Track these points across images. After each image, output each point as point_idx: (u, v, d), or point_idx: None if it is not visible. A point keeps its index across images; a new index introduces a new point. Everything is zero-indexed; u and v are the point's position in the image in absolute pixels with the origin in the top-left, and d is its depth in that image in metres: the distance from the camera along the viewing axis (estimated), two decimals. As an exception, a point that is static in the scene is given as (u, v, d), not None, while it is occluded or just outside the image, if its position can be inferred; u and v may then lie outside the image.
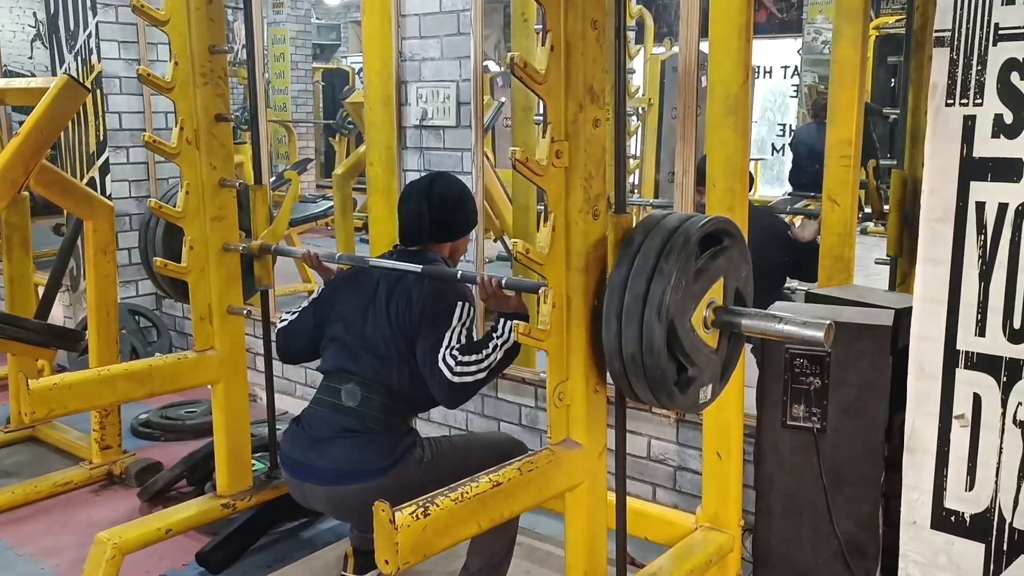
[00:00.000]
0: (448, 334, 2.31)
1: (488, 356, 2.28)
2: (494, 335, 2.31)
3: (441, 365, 2.28)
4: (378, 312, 2.42)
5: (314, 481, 2.38)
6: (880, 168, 3.55)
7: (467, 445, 2.52)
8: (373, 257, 2.61)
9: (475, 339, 2.35)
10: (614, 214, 1.82)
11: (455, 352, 2.28)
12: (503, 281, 2.22)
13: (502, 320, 2.31)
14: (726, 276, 1.85)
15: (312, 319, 2.57)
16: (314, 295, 2.64)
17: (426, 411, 2.54)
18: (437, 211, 2.46)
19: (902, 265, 3.04)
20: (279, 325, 2.64)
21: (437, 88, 3.48)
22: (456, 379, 2.27)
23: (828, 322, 1.73)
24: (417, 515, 1.58)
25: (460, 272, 2.38)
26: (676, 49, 7.00)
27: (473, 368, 2.27)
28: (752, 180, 3.71)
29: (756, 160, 8.95)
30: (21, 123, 3.24)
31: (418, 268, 2.36)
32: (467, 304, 2.37)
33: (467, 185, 2.59)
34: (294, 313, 2.62)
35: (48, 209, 4.36)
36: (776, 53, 9.84)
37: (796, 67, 9.71)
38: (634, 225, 1.82)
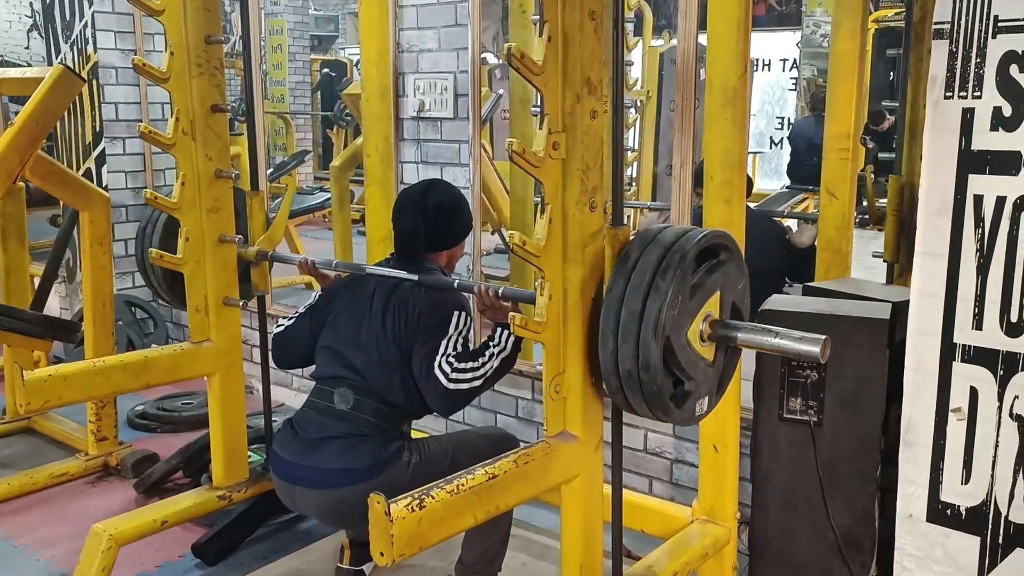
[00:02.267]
0: (444, 342, 2.31)
1: (485, 364, 2.29)
2: (491, 344, 2.31)
3: (437, 372, 2.28)
4: (374, 321, 2.42)
5: (304, 484, 2.37)
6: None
7: (456, 444, 2.50)
8: (370, 264, 2.60)
9: (471, 348, 2.35)
10: (611, 226, 1.81)
11: (451, 359, 2.28)
12: (500, 291, 2.22)
13: (499, 329, 2.31)
14: (723, 290, 1.85)
15: (308, 326, 2.57)
16: (310, 302, 2.63)
17: (419, 418, 2.55)
18: (432, 223, 2.45)
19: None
20: (274, 330, 2.64)
21: (435, 80, 3.46)
22: (452, 386, 2.27)
23: (824, 337, 1.73)
24: (413, 507, 1.58)
25: (457, 281, 2.38)
26: (675, 41, 6.99)
27: (469, 375, 2.27)
28: (751, 183, 3.70)
29: (754, 153, 8.94)
30: (17, 113, 3.23)
31: (414, 277, 2.36)
32: (464, 313, 2.37)
33: (462, 192, 2.58)
34: (290, 319, 2.62)
35: (44, 200, 4.35)
36: (775, 46, 9.82)
37: (795, 60, 9.70)
38: (632, 232, 1.82)
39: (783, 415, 2.33)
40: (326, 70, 11.45)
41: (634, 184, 6.66)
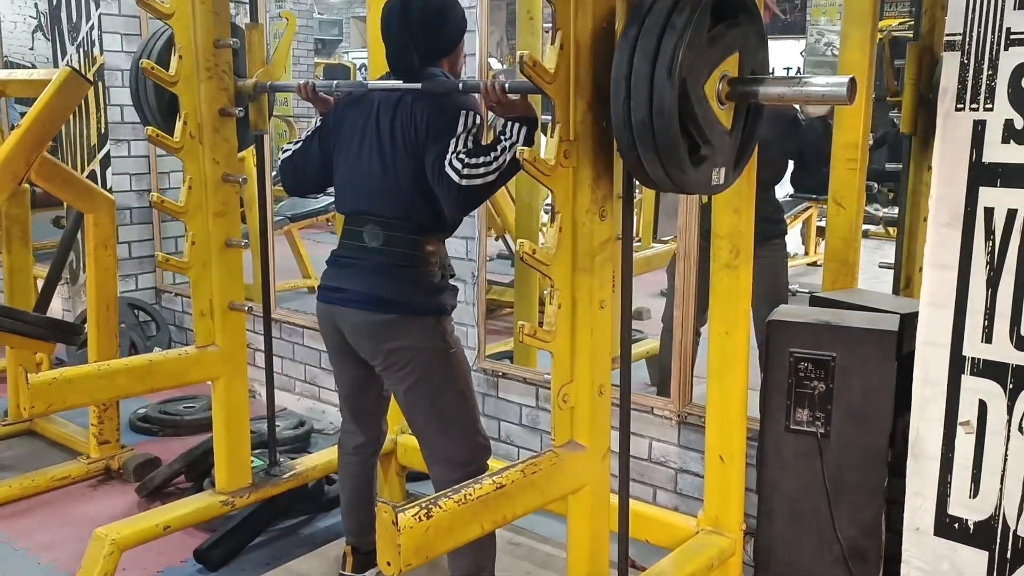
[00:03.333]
0: (454, 141, 2.25)
1: (497, 158, 2.21)
2: (502, 138, 2.24)
3: (448, 169, 2.22)
4: (383, 136, 2.37)
5: (346, 304, 2.40)
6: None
7: (461, 399, 2.48)
8: (371, 81, 2.52)
9: (482, 144, 2.29)
10: None
11: (462, 155, 2.22)
12: (507, 85, 2.15)
13: (509, 123, 2.25)
14: (741, 51, 1.77)
15: (317, 148, 2.53)
16: (315, 124, 2.57)
17: (450, 234, 2.52)
18: (421, 36, 2.36)
19: (906, 269, 3.03)
20: (282, 156, 2.59)
21: (441, 85, 3.45)
22: (464, 182, 2.20)
23: (850, 77, 1.66)
24: (420, 517, 1.57)
25: (461, 82, 2.32)
26: (680, 49, 6.96)
27: (482, 170, 2.21)
28: None
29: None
30: (23, 115, 3.23)
31: (418, 86, 2.30)
32: (472, 112, 2.30)
33: None
34: (296, 143, 2.58)
35: (48, 201, 4.34)
36: (779, 54, 9.83)
37: (799, 69, 9.71)
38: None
39: (790, 426, 2.32)
40: (317, 76, 11.45)
41: (638, 192, 6.64)
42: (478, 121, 2.31)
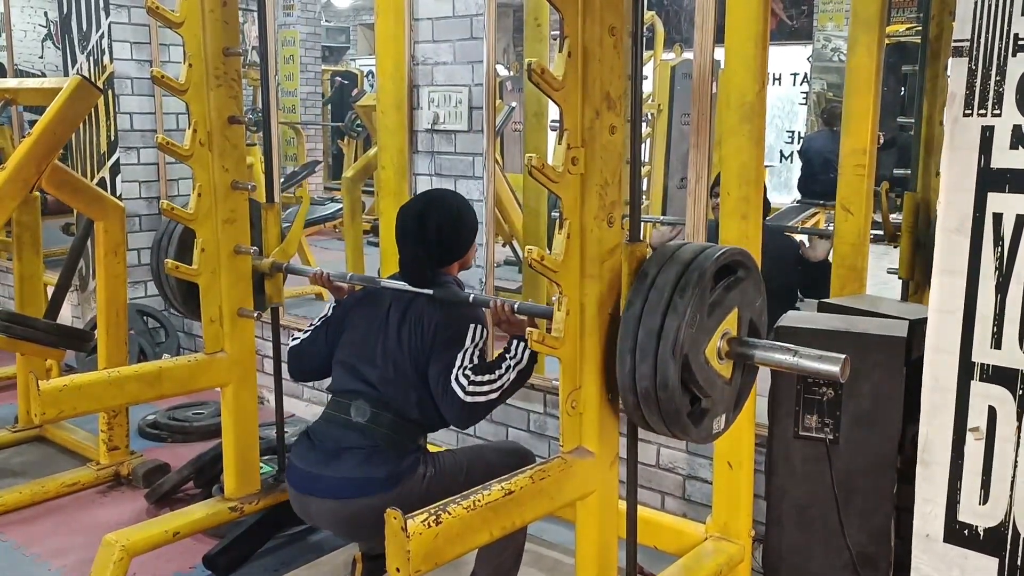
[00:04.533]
0: (460, 355, 2.31)
1: (501, 377, 2.28)
2: (507, 356, 2.31)
3: (454, 385, 2.28)
4: (389, 336, 2.42)
5: (319, 495, 2.36)
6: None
7: (471, 458, 2.49)
8: (384, 278, 2.59)
9: (487, 361, 2.35)
10: (628, 242, 1.81)
11: (468, 372, 2.28)
12: (515, 306, 2.23)
13: (515, 342, 2.31)
14: (740, 307, 1.85)
15: (324, 338, 2.57)
16: (325, 314, 2.63)
17: (436, 431, 2.54)
18: (436, 246, 2.42)
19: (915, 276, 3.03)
20: (290, 344, 2.63)
21: (449, 92, 3.47)
22: (469, 399, 2.26)
23: (843, 357, 1.73)
24: (429, 523, 1.58)
25: (472, 296, 2.37)
26: (686, 55, 6.99)
27: (486, 388, 2.27)
28: (768, 204, 3.76)
29: (765, 167, 8.94)
30: (33, 122, 3.25)
31: (429, 292, 2.36)
32: (479, 327, 2.37)
33: (460, 199, 2.54)
34: (306, 333, 2.62)
35: (57, 208, 4.37)
36: (786, 60, 9.84)
37: (806, 74, 9.71)
38: (648, 250, 1.83)
39: (799, 432, 2.32)
40: (338, 79, 11.52)
41: (646, 197, 6.66)
42: (485, 335, 2.38)
